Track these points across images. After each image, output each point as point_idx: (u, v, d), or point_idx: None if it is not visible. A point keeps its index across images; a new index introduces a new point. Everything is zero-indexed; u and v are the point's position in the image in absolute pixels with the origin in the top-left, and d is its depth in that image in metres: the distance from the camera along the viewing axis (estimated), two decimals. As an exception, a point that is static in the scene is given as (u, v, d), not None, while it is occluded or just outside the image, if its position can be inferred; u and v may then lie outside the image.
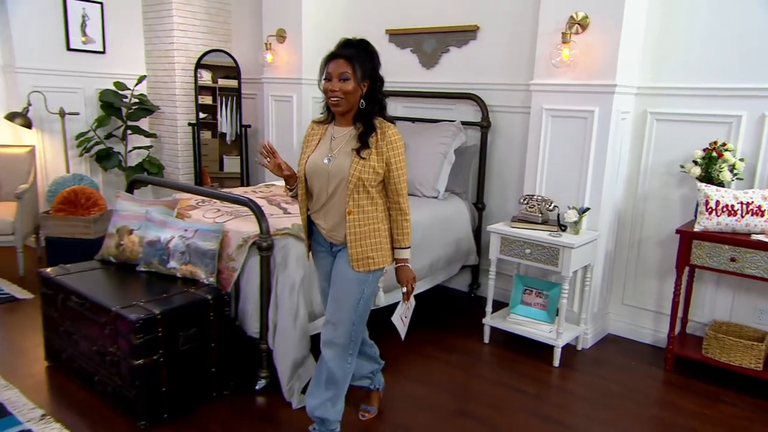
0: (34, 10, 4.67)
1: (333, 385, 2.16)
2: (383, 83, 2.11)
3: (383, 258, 2.12)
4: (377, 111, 2.08)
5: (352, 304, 2.12)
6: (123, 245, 2.91)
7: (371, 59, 2.09)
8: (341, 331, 2.13)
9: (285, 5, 4.53)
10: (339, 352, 2.14)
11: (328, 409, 2.17)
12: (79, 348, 2.63)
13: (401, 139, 2.07)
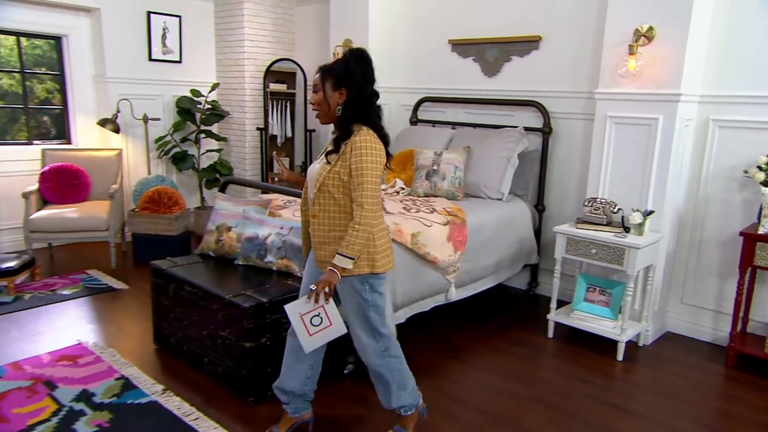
0: (123, 24, 5.09)
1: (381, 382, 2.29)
2: (372, 94, 2.15)
3: (357, 266, 2.09)
4: (355, 117, 2.10)
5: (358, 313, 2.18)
6: (222, 241, 3.22)
7: (346, 67, 2.10)
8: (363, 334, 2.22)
9: (352, 17, 4.81)
10: (370, 351, 2.23)
11: (401, 396, 2.31)
12: (190, 332, 2.94)
13: (368, 144, 2.04)
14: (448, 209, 3.48)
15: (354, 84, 2.10)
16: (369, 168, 2.03)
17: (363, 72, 2.12)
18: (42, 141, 5.13)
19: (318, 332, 2.11)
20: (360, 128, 2.10)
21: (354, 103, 2.11)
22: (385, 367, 2.26)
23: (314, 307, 2.06)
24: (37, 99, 5.12)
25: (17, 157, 4.84)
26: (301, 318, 2.10)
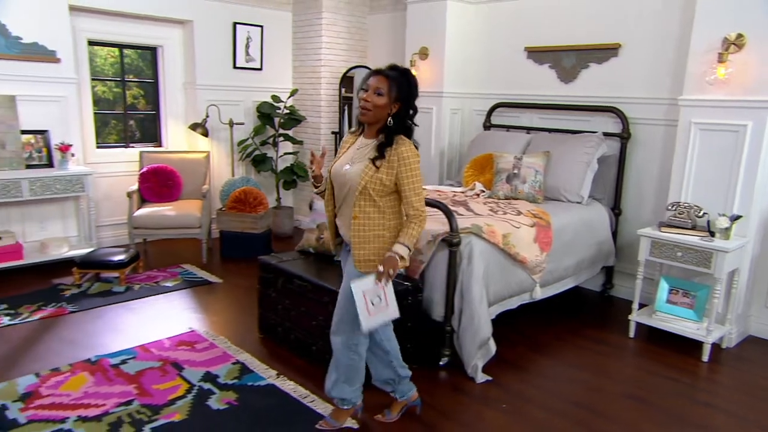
0: (212, 35, 5.43)
1: (337, 370, 2.47)
2: (415, 111, 2.34)
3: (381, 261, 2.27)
4: (399, 129, 2.28)
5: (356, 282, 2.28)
6: (323, 239, 3.46)
7: (408, 87, 2.29)
8: (342, 317, 2.40)
9: (429, 26, 5.01)
10: (340, 340, 2.43)
11: (344, 389, 2.48)
12: (298, 323, 3.19)
13: (414, 155, 2.25)
14: (533, 211, 3.63)
15: (408, 102, 2.30)
16: (417, 176, 2.27)
17: (416, 95, 2.33)
18: (137, 144, 5.52)
19: (377, 312, 2.26)
20: (401, 139, 2.28)
21: (403, 117, 2.31)
22: (347, 358, 2.45)
23: (376, 288, 2.22)
24: (126, 103, 5.51)
25: (116, 159, 5.24)
26: (364, 296, 2.23)
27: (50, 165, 4.53)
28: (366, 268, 2.30)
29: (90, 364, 3.03)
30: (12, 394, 2.69)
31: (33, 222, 4.62)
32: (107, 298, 3.98)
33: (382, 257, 2.28)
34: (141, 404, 2.65)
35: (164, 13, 5.15)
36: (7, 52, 4.24)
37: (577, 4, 4.40)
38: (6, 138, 4.29)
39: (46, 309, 3.73)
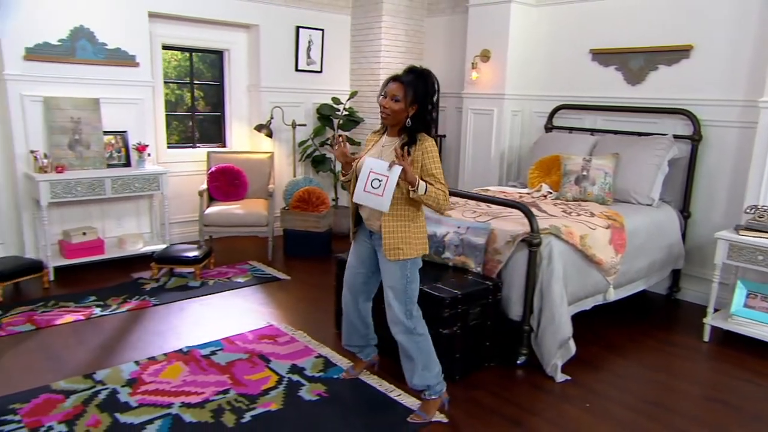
0: (276, 38, 5.59)
1: (409, 359, 2.62)
2: (434, 108, 2.51)
3: (411, 250, 2.52)
4: (421, 129, 2.49)
5: (401, 289, 2.56)
6: (398, 238, 3.55)
7: (425, 88, 2.46)
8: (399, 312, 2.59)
9: (491, 28, 5.05)
10: (403, 330, 2.61)
11: (425, 376, 2.61)
12: (379, 319, 3.27)
13: (435, 148, 2.49)
14: (606, 213, 3.65)
15: (425, 103, 2.48)
16: (438, 164, 2.48)
17: (433, 94, 2.50)
18: (202, 144, 5.72)
19: (370, 194, 2.42)
20: (422, 136, 2.49)
21: (422, 117, 2.49)
22: (412, 343, 2.61)
23: (383, 173, 2.38)
24: (186, 105, 5.72)
25: (184, 159, 5.44)
26: (369, 173, 2.41)
27: (128, 164, 4.75)
28: (394, 256, 2.51)
29: (182, 354, 3.18)
30: (119, 380, 2.85)
31: (111, 219, 4.85)
32: (185, 292, 4.15)
33: (407, 246, 2.51)
34: (237, 393, 2.78)
35: (233, 18, 5.32)
36: (94, 57, 4.46)
37: (646, 6, 4.38)
38: (90, 139, 4.51)
39: (131, 302, 3.91)
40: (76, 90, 4.45)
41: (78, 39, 4.38)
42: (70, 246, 4.38)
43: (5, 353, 3.11)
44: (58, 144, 4.36)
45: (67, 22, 4.32)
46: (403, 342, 2.63)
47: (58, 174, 4.22)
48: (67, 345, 3.24)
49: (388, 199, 2.39)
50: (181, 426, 2.50)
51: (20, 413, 2.53)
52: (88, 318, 3.62)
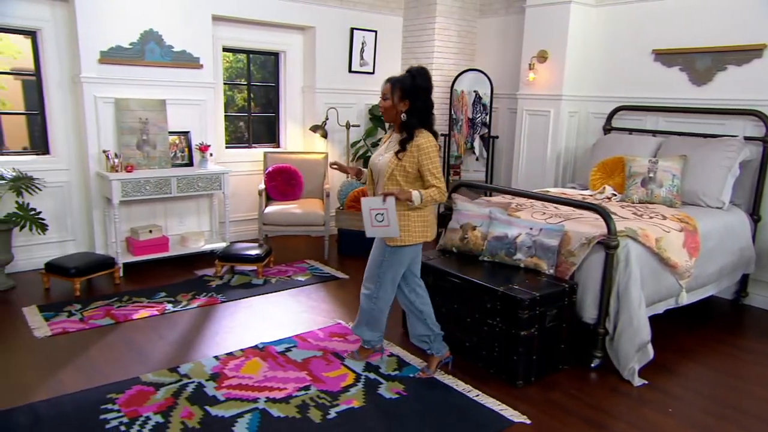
0: (331, 40, 5.66)
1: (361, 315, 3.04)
2: (424, 102, 2.71)
3: (409, 237, 2.79)
4: (417, 123, 2.70)
5: (377, 262, 2.91)
6: (467, 238, 3.56)
7: (412, 83, 2.69)
8: (370, 281, 2.96)
9: (549, 29, 5.02)
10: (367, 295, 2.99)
11: (364, 332, 3.07)
12: (449, 319, 3.30)
13: (430, 144, 2.69)
14: (678, 216, 3.59)
15: (417, 97, 2.70)
16: (434, 161, 2.71)
17: (425, 88, 2.72)
18: (257, 145, 5.82)
19: (378, 227, 2.74)
20: (420, 132, 2.71)
21: (416, 112, 2.71)
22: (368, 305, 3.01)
23: (381, 207, 2.67)
24: (236, 106, 5.82)
25: (241, 159, 5.54)
26: (370, 211, 2.71)
27: (190, 164, 4.87)
28: (391, 243, 2.82)
29: (258, 350, 3.24)
30: (202, 374, 2.93)
31: (173, 217, 4.97)
32: (249, 289, 4.23)
33: (405, 233, 2.78)
34: (319, 390, 2.83)
35: (289, 20, 5.40)
36: (161, 59, 4.59)
37: (711, 6, 4.30)
38: (157, 139, 4.63)
39: (200, 298, 4.01)
40: (144, 91, 4.58)
41: (147, 42, 4.51)
42: (137, 243, 4.51)
43: (92, 345, 3.22)
44: (127, 144, 4.49)
45: (138, 26, 4.45)
46: (363, 302, 3.03)
47: (128, 173, 4.34)
48: (147, 339, 3.34)
49: (395, 226, 2.72)
50: (270, 420, 2.55)
51: (118, 403, 2.62)
52: (162, 313, 3.72)
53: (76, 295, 3.93)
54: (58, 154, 4.50)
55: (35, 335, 3.30)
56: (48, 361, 3.02)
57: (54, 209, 4.47)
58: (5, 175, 4.03)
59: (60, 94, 4.42)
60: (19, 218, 3.96)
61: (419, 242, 2.86)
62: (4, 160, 4.27)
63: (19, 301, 3.84)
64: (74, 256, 4.16)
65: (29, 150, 4.59)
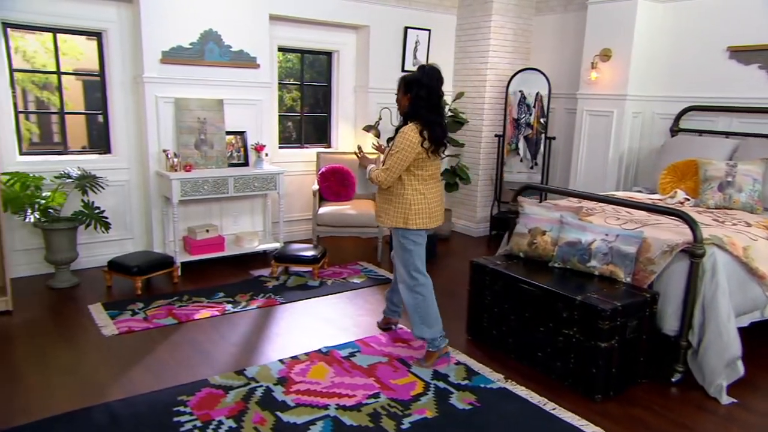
0: (385, 39, 5.59)
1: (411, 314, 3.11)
2: (420, 96, 2.90)
3: (393, 220, 3.03)
4: (414, 115, 2.92)
5: (399, 254, 3.11)
6: (536, 243, 3.43)
7: (412, 79, 2.95)
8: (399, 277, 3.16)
9: (613, 26, 4.82)
10: (403, 287, 3.13)
11: (423, 330, 3.09)
12: (519, 327, 3.17)
13: (402, 136, 2.89)
14: (764, 223, 3.38)
15: (416, 91, 2.92)
16: (397, 149, 2.90)
17: (425, 84, 2.92)
18: (309, 145, 5.79)
19: None
20: (408, 125, 2.92)
21: (415, 105, 2.93)
22: (412, 301, 3.09)
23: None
24: (285, 106, 5.79)
25: (293, 159, 5.51)
26: None
27: (246, 164, 4.86)
28: (378, 221, 3.16)
29: (323, 354, 3.18)
30: (269, 378, 2.88)
31: (228, 217, 4.97)
32: (306, 291, 4.19)
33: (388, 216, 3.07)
34: (389, 398, 2.75)
35: (345, 20, 5.36)
36: (220, 59, 4.59)
37: (796, -1, 4.06)
38: (214, 138, 4.64)
39: (258, 299, 3.98)
40: (203, 91, 4.60)
41: (207, 42, 4.52)
42: (194, 242, 4.52)
43: (158, 345, 3.22)
44: (185, 143, 4.51)
45: (199, 25, 4.47)
46: (405, 297, 3.13)
47: (187, 173, 4.36)
48: (210, 339, 3.32)
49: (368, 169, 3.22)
50: (343, 429, 2.48)
51: (189, 405, 2.59)
52: (222, 314, 3.70)
53: (138, 293, 3.96)
54: (119, 153, 4.55)
55: (103, 333, 3.32)
56: (118, 360, 3.02)
57: (114, 208, 4.53)
58: (71, 173, 4.10)
59: (122, 94, 4.47)
60: (84, 216, 4.01)
61: (406, 227, 3.01)
62: (69, 159, 4.34)
63: (84, 298, 3.89)
64: (135, 255, 4.19)
65: (88, 149, 4.66)
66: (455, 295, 4.30)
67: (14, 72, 4.16)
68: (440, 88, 3.00)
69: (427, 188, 3.04)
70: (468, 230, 6.19)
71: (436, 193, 3.10)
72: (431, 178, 3.06)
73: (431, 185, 3.06)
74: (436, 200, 3.10)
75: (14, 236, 4.13)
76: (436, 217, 3.10)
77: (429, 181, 3.05)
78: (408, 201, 2.99)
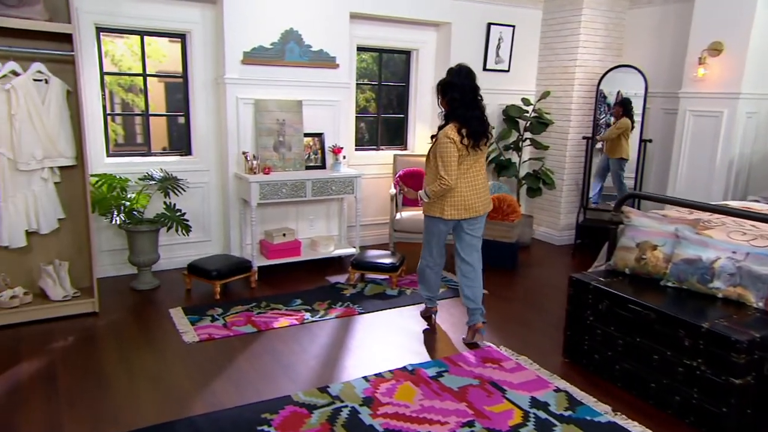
0: (467, 36, 5.33)
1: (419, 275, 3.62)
2: (454, 98, 3.15)
3: (433, 210, 3.28)
4: (452, 116, 3.16)
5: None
6: (645, 259, 3.08)
7: (443, 82, 3.22)
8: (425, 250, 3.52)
9: (727, 17, 4.35)
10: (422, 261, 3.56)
11: (420, 288, 3.67)
12: (629, 353, 2.84)
13: (444, 137, 3.11)
14: None
15: (449, 92, 3.17)
16: (442, 151, 3.12)
17: (457, 84, 3.16)
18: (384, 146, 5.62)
19: None
20: (447, 126, 3.16)
21: (452, 105, 3.17)
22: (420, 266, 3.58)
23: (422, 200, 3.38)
24: (358, 107, 5.61)
25: (369, 161, 5.35)
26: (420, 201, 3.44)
27: (323, 166, 4.74)
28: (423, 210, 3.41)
29: (409, 373, 2.98)
30: (354, 398, 2.71)
31: (304, 221, 4.88)
32: (386, 301, 4.01)
33: (429, 206, 3.32)
34: (485, 428, 2.50)
35: (427, 17, 5.14)
36: (300, 59, 4.50)
37: None
38: (292, 140, 4.55)
39: (336, 308, 3.84)
40: (282, 92, 4.51)
41: (287, 41, 4.43)
42: (272, 246, 4.44)
43: (239, 354, 3.13)
44: (264, 145, 4.44)
45: (280, 25, 4.39)
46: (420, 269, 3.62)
47: (266, 175, 4.28)
48: (291, 350, 3.20)
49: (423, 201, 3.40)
50: (438, 461, 2.27)
51: (273, 425, 2.45)
52: (301, 322, 3.58)
53: (216, 298, 3.91)
54: (200, 155, 4.54)
55: (184, 340, 3.26)
56: (199, 369, 2.95)
57: (194, 210, 4.52)
58: (155, 175, 4.11)
59: (203, 95, 4.46)
60: (166, 219, 4.01)
61: (439, 216, 3.27)
62: (152, 160, 4.37)
63: (164, 301, 3.88)
64: (214, 258, 4.15)
65: (168, 150, 4.69)
66: (543, 310, 4.00)
67: (104, 76, 4.21)
68: (473, 84, 3.21)
69: (463, 182, 3.21)
70: (550, 238, 5.82)
71: (472, 185, 3.25)
72: (468, 171, 3.23)
73: (468, 178, 3.23)
74: (473, 192, 3.26)
75: (101, 237, 4.19)
76: (474, 208, 3.27)
77: (465, 175, 3.21)
78: (444, 195, 3.22)
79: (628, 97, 5.26)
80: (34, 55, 3.28)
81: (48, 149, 3.30)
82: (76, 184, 3.58)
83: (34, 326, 3.37)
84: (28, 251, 3.52)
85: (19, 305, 3.36)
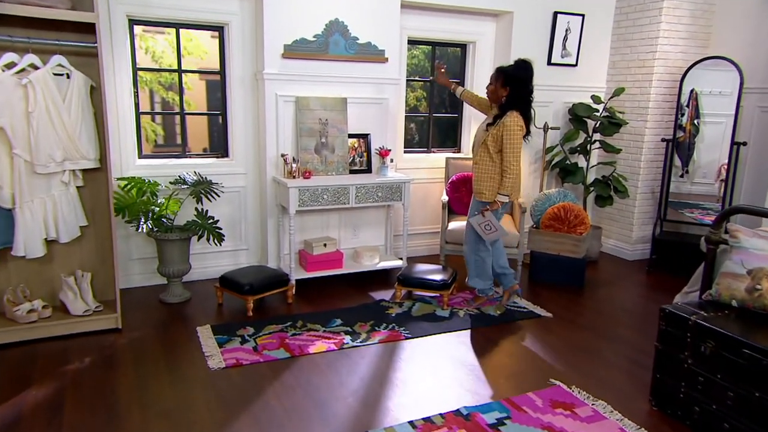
0: (531, 27, 4.82)
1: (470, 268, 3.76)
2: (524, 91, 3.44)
3: (489, 195, 3.49)
4: (512, 106, 3.39)
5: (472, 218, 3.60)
6: (760, 291, 2.49)
7: (514, 75, 3.43)
8: (468, 235, 3.68)
9: None
10: (468, 249, 3.73)
11: (477, 282, 3.77)
12: (741, 409, 2.28)
13: (515, 125, 3.36)
14: None
15: (515, 86, 3.41)
16: (513, 140, 3.37)
17: (524, 79, 3.43)
18: (437, 149, 5.16)
19: (490, 233, 3.53)
20: (510, 113, 3.38)
21: (513, 97, 3.42)
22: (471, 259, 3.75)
23: (484, 221, 3.50)
24: (408, 106, 5.17)
25: (419, 165, 4.91)
26: (478, 226, 3.53)
27: (368, 170, 4.33)
28: (477, 197, 3.57)
29: (463, 419, 2.51)
30: (399, 450, 2.27)
31: (347, 229, 4.48)
32: (435, 324, 3.55)
33: (486, 192, 3.50)
34: (560, 500, 2.01)
35: (486, 5, 4.65)
36: (345, 53, 4.10)
37: None
38: (336, 142, 4.16)
39: (380, 330, 3.41)
40: (326, 89, 4.13)
41: (332, 33, 4.04)
42: (311, 258, 4.06)
43: (268, 385, 2.74)
44: (305, 147, 4.07)
45: (324, 15, 4.01)
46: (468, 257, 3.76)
47: (306, 180, 3.91)
48: (327, 384, 2.79)
49: (501, 229, 3.53)
50: None
51: (301, 486, 2.05)
52: (340, 348, 3.17)
53: (249, 314, 3.56)
54: (237, 157, 4.21)
55: (209, 365, 2.91)
56: (221, 403, 2.58)
57: (229, 216, 4.21)
58: (187, 178, 3.81)
59: (241, 92, 4.13)
60: (197, 227, 3.69)
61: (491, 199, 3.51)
62: (187, 162, 4.08)
63: (193, 317, 3.55)
64: (248, 270, 3.80)
65: (209, 152, 4.40)
66: (617, 339, 3.46)
67: (138, 71, 3.94)
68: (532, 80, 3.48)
69: None
70: (621, 252, 5.20)
71: None
72: None
73: None
74: None
75: (130, 244, 3.93)
76: None
77: None
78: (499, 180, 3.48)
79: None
80: (54, 47, 3.01)
81: (69, 150, 3.02)
82: (100, 189, 3.31)
83: (51, 343, 3.10)
84: (48, 261, 3.27)
85: (38, 320, 3.10)
